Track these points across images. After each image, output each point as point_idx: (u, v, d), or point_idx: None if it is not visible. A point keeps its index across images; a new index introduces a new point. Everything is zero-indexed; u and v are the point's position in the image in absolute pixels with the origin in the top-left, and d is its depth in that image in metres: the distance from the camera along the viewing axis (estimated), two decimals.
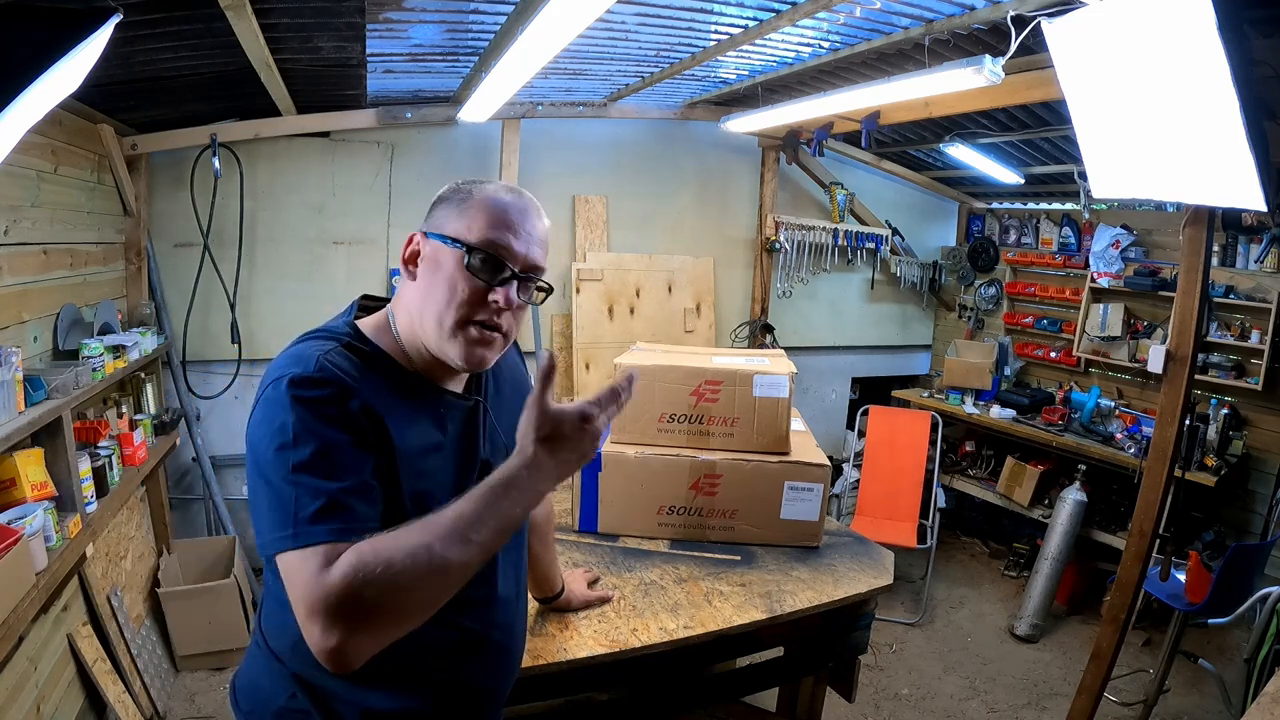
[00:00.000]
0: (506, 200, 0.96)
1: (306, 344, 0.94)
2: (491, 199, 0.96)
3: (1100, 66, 1.74)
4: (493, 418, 1.07)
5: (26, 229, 2.21)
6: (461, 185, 0.99)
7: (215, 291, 3.31)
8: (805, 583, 1.70)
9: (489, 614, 1.04)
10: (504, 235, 0.94)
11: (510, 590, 1.09)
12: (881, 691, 3.05)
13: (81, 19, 1.36)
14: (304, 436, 0.82)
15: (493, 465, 1.00)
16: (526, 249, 0.96)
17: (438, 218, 0.97)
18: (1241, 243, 3.58)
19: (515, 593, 1.12)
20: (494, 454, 1.05)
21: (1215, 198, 1.90)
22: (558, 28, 1.84)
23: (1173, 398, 2.36)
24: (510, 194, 0.98)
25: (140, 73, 2.32)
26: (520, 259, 0.95)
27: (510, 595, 1.09)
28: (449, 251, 0.93)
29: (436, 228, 0.96)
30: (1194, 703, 3.01)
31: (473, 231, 0.93)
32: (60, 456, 2.02)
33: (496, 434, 1.07)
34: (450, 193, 0.99)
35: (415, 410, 0.97)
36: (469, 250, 0.92)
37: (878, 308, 5.08)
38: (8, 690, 1.85)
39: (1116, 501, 3.81)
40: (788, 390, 1.87)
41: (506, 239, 0.94)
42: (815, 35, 2.57)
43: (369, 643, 0.76)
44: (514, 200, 0.97)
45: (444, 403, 1.01)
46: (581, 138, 4.00)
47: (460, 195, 0.97)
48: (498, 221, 0.94)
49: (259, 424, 0.86)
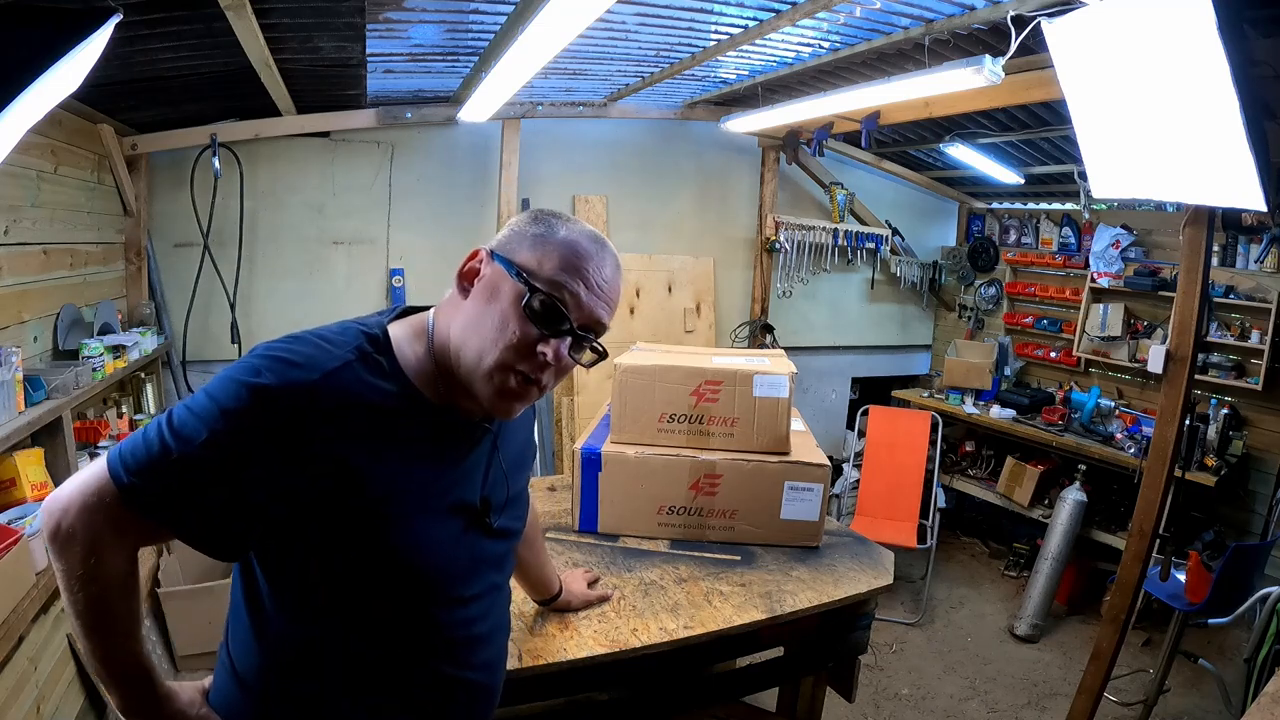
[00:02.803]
0: (588, 248, 0.87)
1: (322, 343, 0.84)
2: (574, 241, 0.87)
3: (1100, 66, 1.74)
4: (498, 447, 1.00)
5: (26, 229, 2.21)
6: (546, 215, 0.90)
7: (215, 291, 3.31)
8: (805, 583, 1.70)
9: (468, 656, 0.98)
10: (574, 282, 0.85)
11: (487, 626, 1.02)
12: (881, 691, 3.05)
13: (81, 19, 1.36)
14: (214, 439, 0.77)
15: (490, 503, 0.98)
16: (594, 304, 0.87)
17: (510, 242, 0.88)
18: (1241, 243, 3.58)
19: (495, 625, 1.05)
20: (492, 489, 0.99)
21: (1215, 198, 1.90)
22: (557, 28, 1.84)
23: (1173, 398, 2.36)
24: (594, 243, 0.89)
25: (140, 73, 2.32)
26: (585, 313, 0.86)
27: (487, 631, 1.02)
28: (511, 284, 0.85)
29: (506, 252, 0.87)
30: (1194, 703, 3.01)
31: (543, 268, 0.85)
32: (60, 456, 2.03)
33: (499, 465, 1.00)
34: (529, 220, 0.90)
35: (412, 449, 0.88)
36: (532, 289, 0.83)
37: (878, 308, 5.08)
38: (8, 690, 1.85)
39: (1116, 501, 3.81)
40: (788, 390, 1.87)
41: (576, 287, 0.85)
42: (815, 35, 2.57)
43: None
44: (596, 250, 0.88)
45: (453, 438, 0.93)
46: (581, 138, 4.00)
47: (541, 226, 0.88)
48: (572, 266, 0.85)
49: (222, 374, 0.82)
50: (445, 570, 0.93)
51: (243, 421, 0.78)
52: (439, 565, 0.92)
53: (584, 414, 3.96)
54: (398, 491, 0.85)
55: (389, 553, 0.86)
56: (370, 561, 0.86)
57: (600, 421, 2.10)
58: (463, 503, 0.94)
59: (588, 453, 1.87)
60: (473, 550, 0.96)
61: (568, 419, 4.04)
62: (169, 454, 0.78)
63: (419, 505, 0.88)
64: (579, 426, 3.95)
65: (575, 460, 1.88)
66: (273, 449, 0.78)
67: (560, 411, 4.10)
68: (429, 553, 0.90)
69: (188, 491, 0.79)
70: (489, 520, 0.97)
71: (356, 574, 0.86)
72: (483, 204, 3.81)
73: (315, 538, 0.83)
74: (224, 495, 0.79)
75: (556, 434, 4.13)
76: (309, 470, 0.80)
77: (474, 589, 0.97)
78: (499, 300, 0.85)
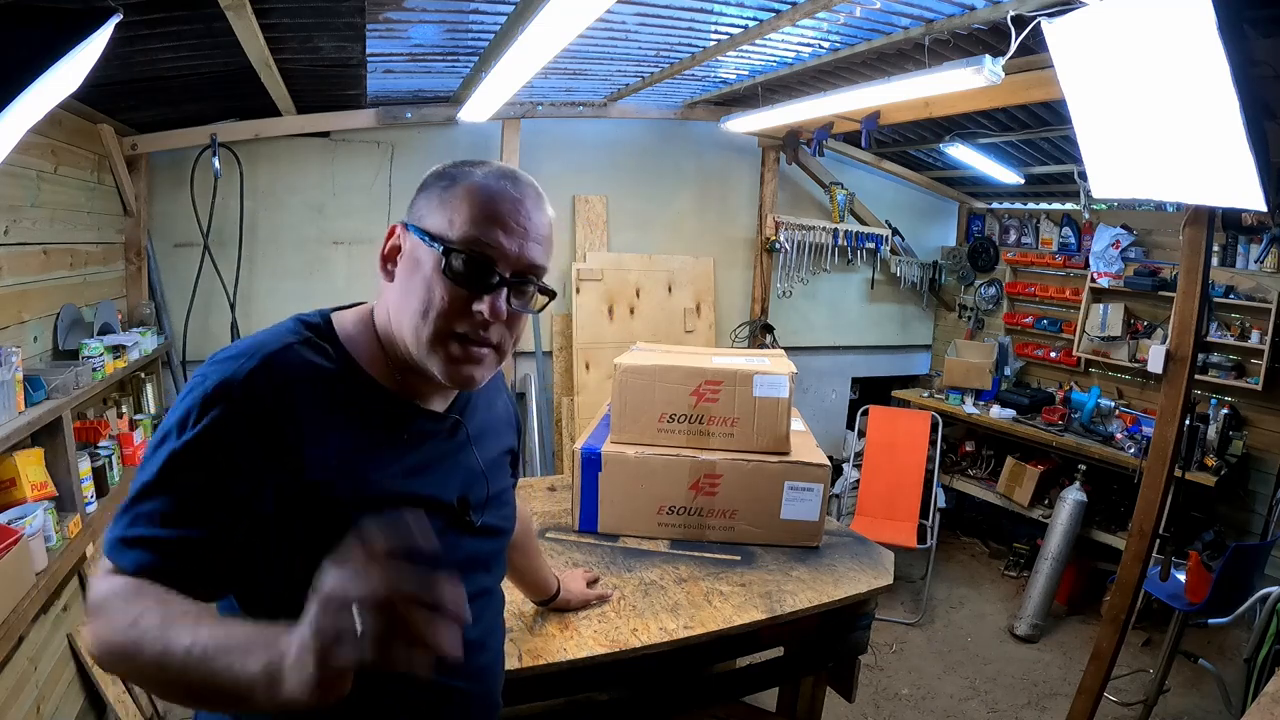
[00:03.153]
0: (496, 188, 0.81)
1: (264, 332, 0.82)
2: (479, 186, 0.81)
3: (1100, 66, 1.74)
4: (471, 441, 0.95)
5: (26, 229, 2.21)
6: (447, 169, 0.84)
7: (215, 291, 3.31)
8: (805, 583, 1.70)
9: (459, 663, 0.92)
10: (491, 231, 0.79)
11: (476, 632, 0.94)
12: (881, 691, 3.05)
13: (81, 19, 1.36)
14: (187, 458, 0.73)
15: (469, 503, 0.92)
16: (520, 247, 0.81)
17: (419, 207, 0.84)
18: (1241, 243, 3.58)
19: (486, 630, 1.00)
20: (470, 486, 0.93)
21: (1215, 198, 1.90)
22: (557, 28, 1.84)
23: (1173, 398, 2.36)
24: (502, 179, 0.82)
25: (140, 73, 2.32)
26: (512, 259, 0.80)
27: (476, 637, 0.95)
28: (427, 250, 0.80)
29: (417, 219, 0.83)
30: (1194, 703, 3.01)
31: (454, 227, 0.79)
32: (60, 456, 2.02)
33: (474, 461, 0.94)
34: (433, 178, 0.84)
35: (371, 439, 0.83)
36: (447, 250, 0.78)
37: (878, 308, 5.08)
38: (8, 690, 1.85)
39: (1116, 501, 3.81)
40: (788, 390, 1.87)
41: (494, 236, 0.79)
42: (815, 35, 2.57)
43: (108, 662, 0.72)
44: (506, 188, 0.81)
45: (412, 427, 0.87)
46: (581, 137, 4.00)
47: (444, 181, 0.83)
48: (485, 214, 0.79)
49: (179, 398, 0.77)
50: None
51: (213, 425, 0.74)
52: None
53: (584, 414, 3.97)
54: (349, 474, 0.80)
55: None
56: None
57: (600, 421, 2.10)
58: (437, 500, 0.88)
59: (588, 453, 1.87)
60: (454, 551, 0.90)
61: (568, 419, 4.05)
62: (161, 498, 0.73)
63: (380, 492, 0.81)
64: (579, 426, 3.95)
65: (575, 460, 1.88)
66: (247, 440, 0.74)
67: (560, 411, 4.10)
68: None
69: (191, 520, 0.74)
70: (469, 518, 0.92)
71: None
72: None
73: (295, 533, 0.77)
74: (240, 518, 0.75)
75: (556, 434, 4.13)
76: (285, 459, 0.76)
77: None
78: (421, 270, 0.80)
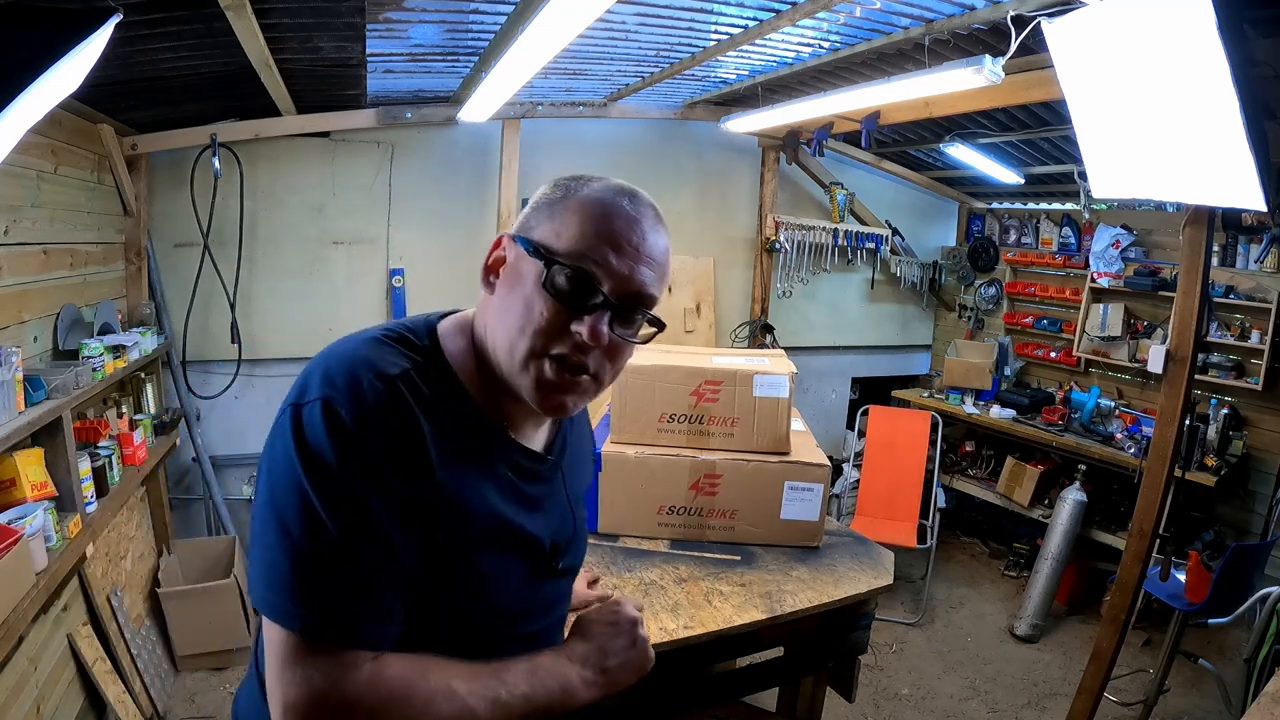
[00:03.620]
0: (611, 203, 0.75)
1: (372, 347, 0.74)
2: (593, 200, 0.75)
3: (1100, 66, 1.74)
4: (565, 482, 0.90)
5: (26, 229, 2.21)
6: (562, 180, 0.79)
7: (215, 291, 3.31)
8: (805, 583, 1.70)
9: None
10: (601, 248, 0.73)
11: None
12: (881, 691, 3.05)
13: (81, 19, 1.36)
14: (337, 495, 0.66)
15: (560, 547, 0.89)
16: (630, 270, 0.74)
17: (529, 218, 0.78)
18: (1241, 243, 3.58)
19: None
20: (559, 530, 0.89)
21: (1215, 198, 1.90)
22: (557, 28, 1.84)
23: (1173, 398, 2.36)
24: (620, 195, 0.76)
25: (140, 73, 2.32)
26: (620, 281, 0.74)
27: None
28: (530, 263, 0.74)
29: (524, 230, 0.77)
30: (1194, 703, 3.01)
31: (561, 239, 0.73)
32: (60, 456, 2.02)
33: (565, 503, 0.90)
34: (549, 188, 0.79)
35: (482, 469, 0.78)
36: (550, 263, 0.72)
37: (878, 308, 5.08)
38: (8, 690, 1.85)
39: (1116, 501, 3.81)
40: (788, 390, 1.87)
41: (603, 253, 0.73)
42: (815, 35, 2.57)
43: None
44: (622, 204, 0.75)
45: (516, 463, 0.82)
46: (581, 138, 4.00)
47: (557, 192, 0.77)
48: (596, 230, 0.73)
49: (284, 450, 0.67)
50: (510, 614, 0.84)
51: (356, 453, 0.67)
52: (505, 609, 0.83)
53: None
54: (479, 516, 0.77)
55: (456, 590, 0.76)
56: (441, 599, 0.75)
57: (600, 421, 2.10)
58: (538, 541, 0.84)
59: None
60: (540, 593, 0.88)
61: None
62: (341, 566, 0.66)
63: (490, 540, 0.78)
64: None
65: None
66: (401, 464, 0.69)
67: None
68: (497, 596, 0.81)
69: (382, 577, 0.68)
70: (555, 564, 0.89)
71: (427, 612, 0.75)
72: (483, 204, 3.81)
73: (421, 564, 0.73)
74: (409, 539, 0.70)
75: None
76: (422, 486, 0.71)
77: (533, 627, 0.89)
78: (522, 284, 0.75)
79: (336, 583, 0.66)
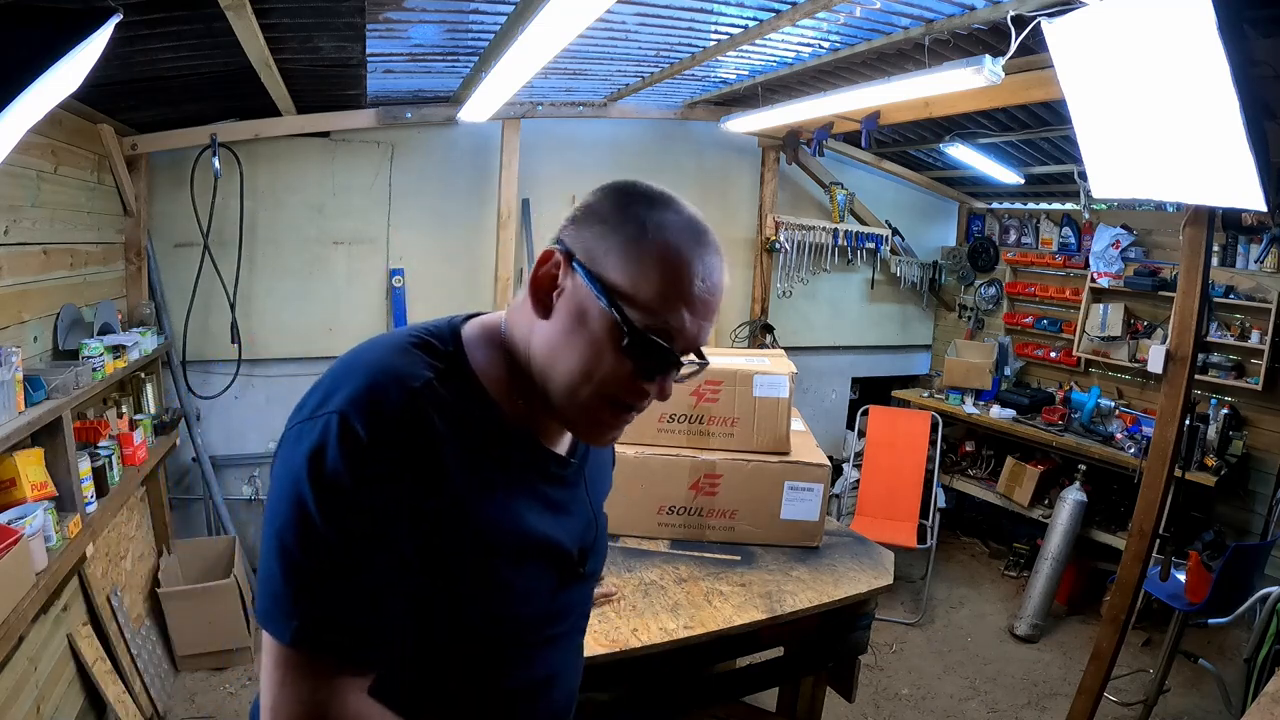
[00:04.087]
0: (691, 253, 0.69)
1: (398, 355, 0.72)
2: (673, 247, 0.69)
3: (1100, 66, 1.74)
4: (588, 487, 0.89)
5: (26, 229, 2.21)
6: (633, 198, 0.72)
7: (215, 291, 3.31)
8: (805, 583, 1.70)
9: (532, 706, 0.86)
10: (679, 313, 0.69)
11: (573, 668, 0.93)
12: (881, 691, 3.05)
13: (81, 19, 1.36)
14: (343, 510, 0.64)
15: (585, 552, 0.86)
16: (699, 329, 0.71)
17: (593, 245, 0.70)
18: (1241, 243, 3.58)
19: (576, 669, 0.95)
20: (584, 534, 0.86)
21: (1215, 198, 1.90)
22: (557, 28, 1.84)
23: (1173, 398, 2.36)
24: (695, 237, 0.71)
25: (140, 73, 2.32)
26: (689, 340, 0.71)
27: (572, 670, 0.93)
28: (601, 311, 0.69)
29: (591, 261, 0.70)
30: (1194, 703, 3.01)
31: (641, 292, 0.68)
32: (60, 456, 2.02)
33: (588, 508, 0.88)
34: (617, 210, 0.71)
35: (509, 478, 0.76)
36: (631, 329, 0.68)
37: (878, 308, 5.08)
38: (8, 690, 1.85)
39: (1116, 501, 3.81)
40: (788, 390, 1.87)
41: (681, 317, 0.69)
42: (815, 35, 2.57)
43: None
44: (701, 252, 0.70)
45: (543, 468, 0.80)
46: (581, 138, 4.00)
47: (631, 224, 0.70)
48: (677, 290, 0.68)
49: (292, 453, 0.66)
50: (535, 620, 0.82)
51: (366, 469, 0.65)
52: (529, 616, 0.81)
53: None
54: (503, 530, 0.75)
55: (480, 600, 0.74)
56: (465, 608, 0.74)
57: None
58: (561, 549, 0.82)
59: None
60: (567, 598, 0.86)
61: None
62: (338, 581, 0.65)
63: (518, 551, 0.76)
64: None
65: None
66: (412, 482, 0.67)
67: None
68: (524, 604, 0.79)
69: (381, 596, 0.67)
70: (582, 569, 0.87)
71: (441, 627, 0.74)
72: (483, 204, 3.81)
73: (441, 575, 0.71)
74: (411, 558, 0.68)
75: None
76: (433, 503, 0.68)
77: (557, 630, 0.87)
78: (588, 327, 0.70)
79: (331, 597, 0.65)
